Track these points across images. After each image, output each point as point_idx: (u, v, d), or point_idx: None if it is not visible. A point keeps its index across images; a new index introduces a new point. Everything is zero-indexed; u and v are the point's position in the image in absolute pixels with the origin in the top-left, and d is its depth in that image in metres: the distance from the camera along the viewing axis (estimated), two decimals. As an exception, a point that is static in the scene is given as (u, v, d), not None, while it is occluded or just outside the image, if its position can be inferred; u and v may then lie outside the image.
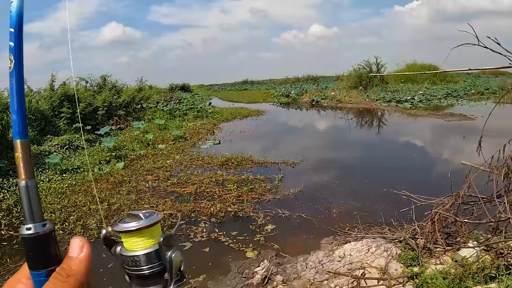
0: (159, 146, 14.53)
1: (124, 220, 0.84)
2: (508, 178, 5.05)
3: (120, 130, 19.00)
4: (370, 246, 5.74)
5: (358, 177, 10.51)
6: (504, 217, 4.62)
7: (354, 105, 31.89)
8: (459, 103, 31.20)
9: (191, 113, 24.95)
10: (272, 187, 9.41)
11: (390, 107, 29.45)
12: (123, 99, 23.57)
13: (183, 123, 21.39)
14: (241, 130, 19.55)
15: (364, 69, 41.86)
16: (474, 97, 35.70)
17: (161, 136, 16.96)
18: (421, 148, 15.42)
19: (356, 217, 7.28)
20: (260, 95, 48.84)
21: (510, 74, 39.78)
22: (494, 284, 3.91)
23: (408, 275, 4.68)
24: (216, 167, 11.38)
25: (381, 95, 34.47)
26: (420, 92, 35.14)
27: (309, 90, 43.88)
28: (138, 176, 10.67)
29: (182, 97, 34.38)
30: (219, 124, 21.97)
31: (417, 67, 48.27)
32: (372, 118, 26.19)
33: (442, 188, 6.41)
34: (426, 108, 27.94)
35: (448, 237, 5.64)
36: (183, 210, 7.87)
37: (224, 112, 27.41)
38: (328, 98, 36.10)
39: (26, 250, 0.75)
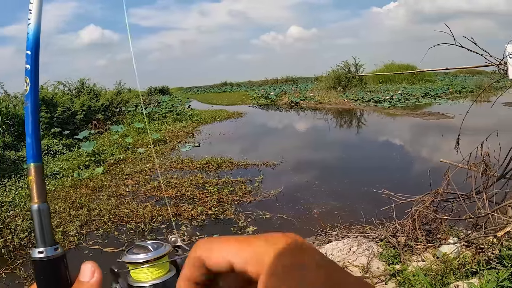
0: (138, 150, 14.38)
1: (132, 251, 0.84)
2: (486, 175, 5.10)
3: (99, 134, 18.80)
4: (352, 245, 5.75)
5: (338, 177, 10.55)
6: (484, 213, 4.66)
7: (333, 106, 32.04)
8: (437, 102, 31.59)
9: (170, 116, 24.79)
10: (252, 188, 9.38)
11: (369, 107, 29.66)
12: (102, 102, 23.26)
13: (163, 126, 21.21)
14: (220, 133, 19.47)
15: (343, 70, 42.15)
16: (451, 96, 36.19)
17: (140, 139, 16.81)
18: (400, 147, 15.57)
19: (337, 217, 7.31)
20: (239, 97, 48.77)
21: (487, 73, 40.25)
22: (475, 279, 3.93)
23: (390, 272, 4.69)
24: (196, 170, 11.30)
25: (359, 95, 34.71)
26: (399, 92, 35.46)
27: (288, 91, 43.95)
28: (118, 180, 10.54)
29: (161, 100, 34.16)
30: (198, 126, 21.84)
31: (395, 67, 48.67)
32: (351, 118, 26.35)
33: (422, 186, 6.45)
34: (404, 108, 28.19)
35: (429, 234, 5.67)
36: (164, 214, 7.80)
37: (204, 114, 27.30)
38: (307, 99, 36.21)
39: (37, 273, 0.74)
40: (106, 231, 7.25)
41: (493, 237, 4.58)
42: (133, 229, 7.23)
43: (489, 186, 5.10)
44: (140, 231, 7.14)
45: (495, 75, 5.05)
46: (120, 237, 6.95)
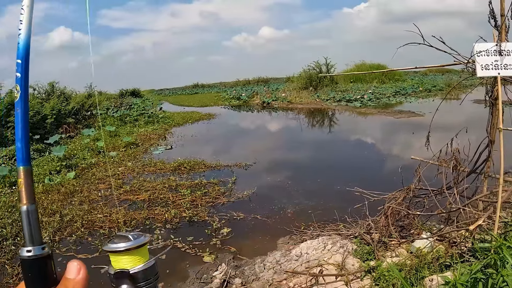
0: (110, 154, 14.19)
1: (113, 240, 0.87)
2: (457, 170, 5.17)
3: (70, 139, 18.48)
4: (326, 243, 5.77)
5: (311, 177, 10.58)
6: (455, 207, 4.71)
7: (305, 106, 32.20)
8: (408, 100, 32.02)
9: (142, 119, 24.57)
10: (225, 190, 9.35)
11: (340, 107, 29.90)
12: (72, 106, 22.84)
13: (134, 129, 20.97)
14: (193, 134, 19.38)
15: (314, 70, 42.41)
16: (422, 94, 36.79)
17: (112, 143, 16.57)
18: (372, 145, 15.74)
19: (311, 216, 7.35)
20: (211, 98, 48.64)
21: (456, 71, 41.05)
22: (449, 272, 3.97)
23: (365, 269, 4.71)
24: (168, 173, 11.21)
25: (331, 95, 35.01)
26: (370, 91, 35.88)
27: (260, 92, 44.02)
28: (90, 185, 10.34)
29: (132, 103, 33.84)
30: (170, 129, 21.66)
31: (366, 67, 49.16)
32: (323, 118, 26.50)
33: (394, 183, 6.51)
34: (375, 107, 28.51)
35: (402, 230, 5.73)
36: (137, 218, 7.72)
37: (175, 116, 27.13)
38: (279, 99, 36.33)
39: (25, 271, 0.80)
40: (79, 237, 7.10)
41: (465, 230, 4.64)
42: (106, 234, 7.11)
43: (460, 181, 5.18)
44: (114, 236, 7.03)
45: (463, 73, 5.11)
46: (94, 242, 6.82)
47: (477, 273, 2.83)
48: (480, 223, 3.71)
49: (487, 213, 4.02)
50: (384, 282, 4.26)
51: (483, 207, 5.00)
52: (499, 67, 4.06)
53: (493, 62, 4.07)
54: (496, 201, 3.70)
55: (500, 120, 4.10)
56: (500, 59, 4.06)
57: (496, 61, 4.07)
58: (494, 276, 2.74)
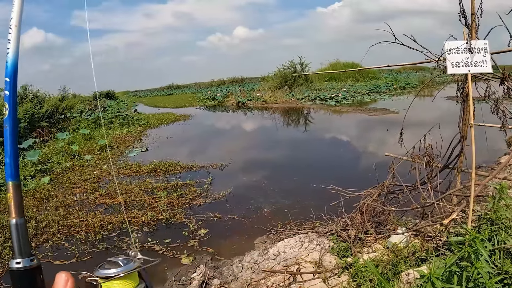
0: (85, 157, 13.96)
1: (103, 266, 0.88)
2: (430, 166, 5.24)
3: (44, 143, 18.11)
4: (303, 241, 5.81)
5: (287, 176, 10.62)
6: (429, 202, 4.78)
7: (280, 105, 32.27)
8: (382, 98, 32.40)
9: (117, 121, 24.29)
10: (202, 191, 9.34)
11: (315, 105, 30.06)
12: (46, 109, 22.34)
13: (109, 132, 20.72)
14: (168, 136, 19.22)
15: (289, 69, 42.59)
16: (396, 92, 37.27)
17: (86, 146, 16.31)
18: (347, 143, 15.87)
19: (288, 215, 7.38)
20: (186, 99, 48.35)
21: (429, 69, 41.57)
22: (425, 266, 4.03)
23: (343, 265, 4.75)
24: (144, 175, 11.11)
25: (306, 94, 35.18)
26: (344, 90, 36.18)
27: (234, 92, 43.98)
28: (65, 189, 10.16)
29: (107, 105, 33.51)
30: (145, 131, 21.44)
31: (340, 66, 49.40)
32: (298, 117, 26.58)
33: (369, 180, 6.57)
34: (350, 105, 28.73)
35: (378, 226, 5.80)
36: (114, 221, 7.65)
37: (150, 118, 26.89)
38: (254, 99, 36.34)
39: (14, 283, 0.82)
40: (56, 243, 6.98)
41: (439, 225, 4.71)
42: (83, 239, 7.01)
43: (434, 177, 5.25)
44: (90, 241, 6.95)
45: (435, 71, 5.19)
46: (71, 248, 6.71)
47: (452, 266, 2.87)
48: (454, 217, 3.77)
49: (461, 207, 4.09)
50: (361, 278, 4.29)
51: (457, 201, 5.09)
52: (469, 65, 4.13)
53: (463, 59, 4.15)
54: (469, 195, 3.77)
55: (471, 116, 4.18)
56: (470, 57, 4.14)
57: (466, 58, 4.14)
58: (469, 268, 2.79)
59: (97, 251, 6.56)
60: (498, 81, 4.38)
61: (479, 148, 4.08)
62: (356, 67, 37.59)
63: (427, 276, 2.80)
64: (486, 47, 4.15)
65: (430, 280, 2.77)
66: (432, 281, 2.76)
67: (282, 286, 4.75)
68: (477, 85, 4.62)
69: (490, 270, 2.89)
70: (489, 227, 3.59)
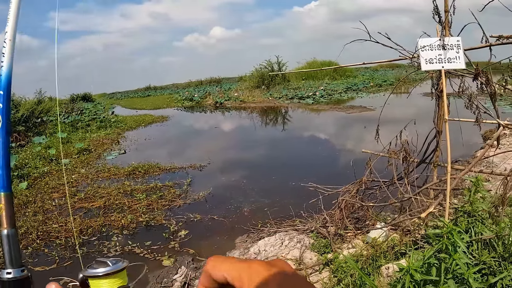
0: (63, 161, 13.89)
1: (92, 266, 0.88)
2: (407, 161, 5.31)
3: (21, 147, 17.82)
4: (283, 239, 5.84)
5: (266, 175, 10.67)
6: (407, 197, 4.85)
7: (258, 104, 32.26)
8: (359, 96, 32.68)
9: (94, 124, 24.01)
10: (181, 192, 9.32)
11: (293, 104, 30.15)
12: (22, 113, 21.99)
13: (87, 135, 20.41)
14: (146, 138, 19.05)
15: (266, 69, 42.68)
16: (372, 90, 37.67)
17: (64, 150, 16.19)
18: (325, 141, 15.97)
19: (267, 213, 7.41)
20: (163, 100, 47.99)
21: (405, 66, 42.14)
22: (404, 259, 4.09)
23: (323, 262, 4.79)
24: (123, 178, 11.01)
25: (283, 93, 35.27)
26: (321, 88, 36.33)
27: (212, 92, 43.83)
28: (43, 195, 9.99)
29: (84, 108, 33.11)
30: (123, 133, 21.22)
31: (317, 64, 49.56)
32: (276, 116, 26.62)
33: (347, 176, 6.64)
34: (327, 103, 28.89)
35: (358, 222, 5.86)
36: (94, 225, 7.58)
37: (128, 120, 26.63)
38: (232, 99, 36.27)
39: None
40: (36, 249, 6.86)
41: (417, 218, 4.78)
42: (63, 244, 6.92)
43: (410, 172, 5.33)
44: (70, 246, 6.89)
45: (410, 68, 5.27)
46: (51, 254, 6.61)
47: (430, 258, 2.92)
48: (431, 210, 3.84)
49: (438, 201, 4.16)
50: (342, 273, 4.34)
51: (434, 195, 5.17)
52: (443, 61, 4.20)
53: (437, 56, 4.22)
54: (446, 188, 3.83)
55: (446, 111, 4.24)
56: (444, 53, 4.20)
57: (440, 55, 4.21)
58: (447, 260, 2.85)
59: (77, 256, 6.50)
60: (472, 77, 4.46)
61: (454, 142, 4.16)
62: (333, 65, 37.81)
63: (406, 269, 2.84)
64: (459, 44, 4.22)
65: (409, 273, 2.82)
66: (411, 273, 2.81)
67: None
68: (451, 81, 4.70)
69: (468, 261, 2.95)
70: (466, 219, 3.66)
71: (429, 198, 4.99)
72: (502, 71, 4.53)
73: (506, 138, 11.21)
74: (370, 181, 5.74)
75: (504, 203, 4.19)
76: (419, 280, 2.82)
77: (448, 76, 4.62)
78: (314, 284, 4.55)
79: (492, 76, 4.38)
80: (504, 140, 10.97)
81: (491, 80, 4.34)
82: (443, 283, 2.83)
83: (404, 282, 2.85)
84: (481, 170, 6.11)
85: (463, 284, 2.93)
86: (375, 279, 4.06)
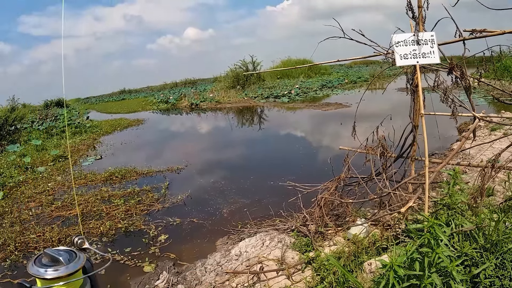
0: (38, 169, 13.50)
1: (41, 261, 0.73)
2: (384, 156, 5.34)
3: (-5, 156, 17.64)
4: (264, 239, 5.82)
5: (244, 175, 10.65)
6: (386, 192, 4.87)
7: (234, 105, 32.21)
8: (334, 92, 32.90)
9: (69, 130, 23.73)
10: (159, 196, 9.23)
11: (268, 103, 30.21)
12: (-5, 121, 21.76)
13: (62, 141, 20.10)
14: (122, 142, 18.83)
15: (241, 69, 42.75)
16: (348, 86, 38.02)
17: (39, 157, 15.81)
18: (302, 138, 16.02)
19: (247, 214, 7.41)
20: (139, 103, 47.54)
21: (379, 62, 42.47)
22: (386, 254, 4.10)
23: (305, 261, 4.78)
24: (100, 184, 10.85)
25: (259, 92, 35.29)
26: (296, 86, 36.49)
27: (187, 94, 43.60)
28: (19, 204, 9.73)
29: (58, 114, 32.63)
30: (99, 138, 20.89)
31: (292, 63, 49.76)
32: (252, 116, 26.59)
33: (326, 174, 6.64)
34: (303, 101, 29.02)
35: (338, 219, 5.87)
36: (72, 234, 7.43)
37: (103, 125, 26.28)
38: (207, 100, 36.13)
39: None
40: (14, 261, 6.69)
41: (397, 213, 4.80)
42: (42, 255, 6.83)
43: (388, 167, 5.37)
44: (50, 256, 6.76)
45: (385, 64, 5.30)
46: (30, 265, 6.53)
47: (413, 253, 2.93)
48: (411, 204, 3.85)
49: (417, 195, 4.17)
50: (324, 271, 4.33)
51: (413, 189, 5.20)
52: (418, 56, 4.23)
53: (411, 51, 4.25)
54: (424, 182, 3.85)
55: (421, 105, 4.27)
56: (418, 48, 4.24)
57: (414, 50, 4.24)
58: (430, 254, 2.85)
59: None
60: (446, 71, 4.49)
61: (431, 136, 4.19)
62: (307, 63, 37.94)
63: (389, 265, 2.84)
64: (433, 39, 4.26)
65: (392, 269, 2.82)
66: (395, 269, 2.81)
67: (247, 286, 4.74)
68: (426, 75, 4.74)
69: (451, 254, 2.96)
70: (446, 212, 3.68)
71: (408, 192, 5.02)
72: (476, 65, 4.58)
73: (481, 130, 11.38)
74: (348, 177, 5.76)
75: (483, 194, 4.24)
76: (403, 275, 2.82)
77: (423, 71, 4.66)
78: (297, 283, 4.55)
79: (466, 70, 4.42)
80: (479, 132, 11.14)
81: (465, 73, 4.38)
82: (427, 277, 2.83)
83: (388, 278, 2.85)
84: (459, 163, 6.19)
85: (447, 277, 2.94)
86: (358, 275, 4.07)
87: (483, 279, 3.19)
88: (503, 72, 21.32)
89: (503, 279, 3.21)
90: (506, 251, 3.33)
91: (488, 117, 4.91)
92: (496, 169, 4.46)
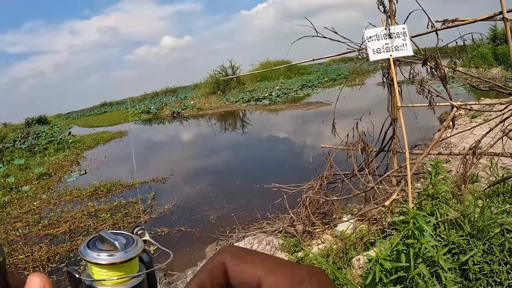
0: (23, 189, 13.34)
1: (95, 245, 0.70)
2: (366, 151, 5.37)
3: (-23, 178, 17.40)
4: (253, 243, 5.81)
5: (229, 180, 10.65)
6: (370, 186, 4.90)
7: (215, 110, 32.09)
8: (315, 92, 33.00)
9: (52, 147, 23.35)
10: (146, 207, 9.16)
11: (250, 107, 30.16)
12: (-25, 141, 21.50)
13: (45, 159, 19.79)
14: (106, 155, 18.65)
15: (220, 74, 42.65)
16: (327, 84, 38.13)
17: (23, 176, 15.63)
18: (285, 139, 16.05)
19: (234, 219, 7.37)
20: (120, 115, 47.27)
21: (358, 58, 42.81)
22: (374, 249, 4.11)
23: (294, 261, 4.78)
24: (86, 199, 10.72)
25: (239, 96, 35.25)
26: (277, 88, 36.51)
27: (168, 102, 43.37)
28: (6, 225, 9.65)
29: (39, 131, 32.33)
30: (82, 153, 20.66)
31: (271, 64, 49.62)
32: (234, 120, 26.57)
33: (310, 173, 6.64)
34: (284, 102, 29.04)
35: (325, 217, 5.87)
36: (61, 252, 7.37)
37: (86, 139, 26.01)
38: (189, 107, 35.96)
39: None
40: (4, 283, 6.70)
41: (382, 207, 4.82)
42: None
43: (370, 162, 5.39)
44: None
45: (359, 60, 5.35)
46: (21, 287, 6.45)
47: (398, 245, 2.94)
48: (395, 197, 3.87)
49: (400, 187, 4.20)
50: (314, 270, 4.33)
51: (396, 182, 5.23)
52: (391, 49, 4.26)
53: (384, 45, 4.28)
54: (407, 174, 3.88)
55: (397, 98, 4.30)
56: (391, 42, 4.27)
57: (387, 44, 4.27)
58: (415, 245, 2.87)
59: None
60: (421, 62, 4.53)
61: (412, 128, 4.22)
62: (286, 64, 38.15)
63: (375, 258, 2.85)
64: (405, 31, 4.29)
65: (378, 262, 2.83)
66: (380, 262, 2.82)
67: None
68: (402, 68, 4.78)
69: (436, 243, 2.98)
70: (430, 202, 3.71)
71: (392, 185, 5.05)
72: (450, 54, 4.62)
73: (462, 118, 11.48)
74: (331, 175, 5.77)
75: (466, 182, 4.27)
76: (389, 268, 2.83)
77: (398, 64, 4.70)
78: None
79: (441, 60, 4.46)
80: (460, 120, 11.24)
81: (440, 64, 4.42)
82: (414, 268, 2.85)
83: (375, 272, 2.86)
84: (440, 152, 6.23)
85: (434, 267, 2.96)
86: (347, 272, 4.08)
87: (471, 266, 3.22)
88: (480, 60, 21.56)
89: (492, 264, 3.23)
90: (493, 236, 3.36)
91: (465, 105, 4.96)
92: (477, 156, 4.50)
